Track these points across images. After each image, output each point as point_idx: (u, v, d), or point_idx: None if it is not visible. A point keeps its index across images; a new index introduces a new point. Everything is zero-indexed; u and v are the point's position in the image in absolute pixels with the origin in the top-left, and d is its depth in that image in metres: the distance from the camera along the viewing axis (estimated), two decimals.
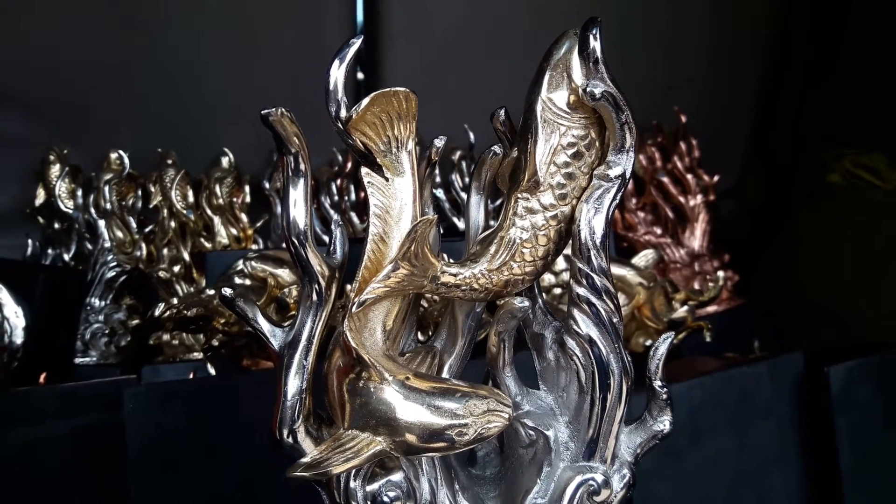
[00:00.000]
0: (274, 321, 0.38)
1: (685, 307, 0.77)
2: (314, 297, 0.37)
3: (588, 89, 0.36)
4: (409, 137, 0.37)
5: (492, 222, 0.40)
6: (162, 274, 1.15)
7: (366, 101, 0.35)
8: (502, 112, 0.40)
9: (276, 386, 0.38)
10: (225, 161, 1.22)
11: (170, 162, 1.20)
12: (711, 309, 1.12)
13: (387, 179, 0.37)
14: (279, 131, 0.35)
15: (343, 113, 0.35)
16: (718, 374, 0.70)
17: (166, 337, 1.05)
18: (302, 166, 0.35)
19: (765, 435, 0.71)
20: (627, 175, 0.38)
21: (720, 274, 0.86)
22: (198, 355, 1.00)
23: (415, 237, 0.34)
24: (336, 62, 0.35)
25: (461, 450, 0.35)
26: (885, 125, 1.21)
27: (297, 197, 0.35)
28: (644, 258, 0.83)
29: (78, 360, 1.04)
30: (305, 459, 0.35)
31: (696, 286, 1.10)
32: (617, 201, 0.38)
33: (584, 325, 0.38)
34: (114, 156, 1.19)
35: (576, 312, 0.39)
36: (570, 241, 0.39)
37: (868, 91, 1.24)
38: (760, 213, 1.34)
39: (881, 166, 1.17)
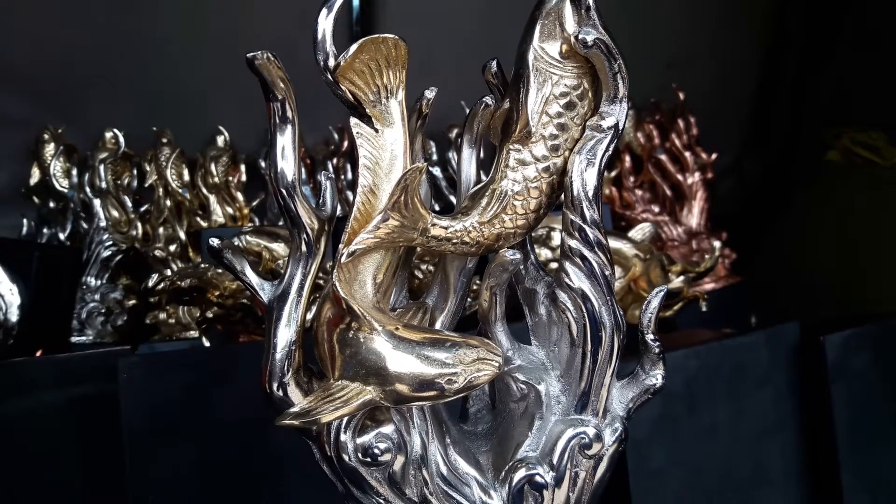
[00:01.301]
0: (263, 276, 0.38)
1: (681, 278, 0.77)
2: (303, 247, 0.37)
3: (580, 37, 0.36)
4: (398, 86, 0.36)
5: (484, 177, 0.40)
6: (158, 253, 1.14)
7: (354, 47, 0.34)
8: (494, 64, 0.40)
9: (266, 339, 0.37)
10: (220, 140, 1.22)
11: (165, 141, 1.19)
12: (709, 286, 1.12)
13: (376, 130, 0.37)
14: (265, 76, 0.34)
15: (332, 62, 0.35)
16: (714, 344, 0.70)
17: (163, 316, 1.05)
18: (289, 113, 0.35)
19: (761, 404, 0.71)
20: (621, 126, 0.38)
21: (716, 244, 0.86)
22: (194, 333, 1.00)
23: (405, 186, 0.34)
24: (324, 11, 0.35)
25: (451, 398, 0.35)
26: (884, 103, 1.21)
27: (285, 143, 0.35)
28: (640, 231, 0.83)
29: (74, 339, 1.04)
30: (294, 409, 0.35)
31: None
32: (610, 152, 0.38)
33: (576, 279, 0.38)
34: (109, 135, 1.19)
35: (568, 265, 0.38)
36: (563, 194, 0.38)
37: (867, 69, 1.24)
38: (759, 192, 1.34)
39: (880, 143, 1.17)
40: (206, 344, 0.80)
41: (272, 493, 0.67)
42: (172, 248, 1.15)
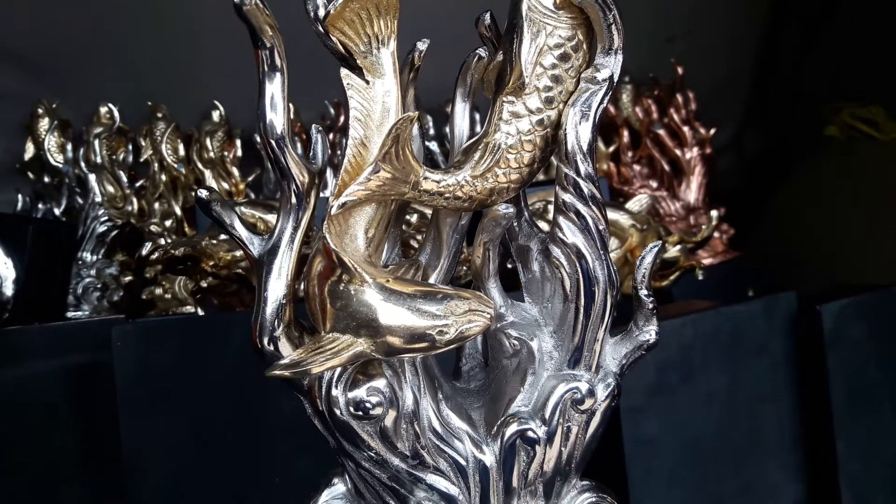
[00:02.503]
0: (253, 229, 0.38)
1: (678, 247, 0.77)
2: (293, 199, 0.36)
3: None
4: (389, 36, 0.36)
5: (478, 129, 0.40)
6: (153, 228, 1.14)
7: None
8: (487, 16, 0.39)
9: (256, 293, 0.37)
10: (216, 115, 1.21)
11: (160, 115, 1.19)
12: (707, 261, 1.12)
13: (367, 82, 0.36)
14: (253, 23, 0.34)
15: (321, 11, 0.34)
16: (711, 312, 0.70)
17: (158, 291, 1.04)
18: (278, 61, 0.35)
19: (757, 373, 0.71)
20: (615, 78, 0.37)
21: (713, 213, 0.86)
22: (190, 309, 0.99)
23: (395, 136, 0.33)
24: None
25: (442, 350, 0.35)
26: (883, 78, 1.20)
27: (274, 92, 0.34)
28: (637, 203, 0.83)
29: (70, 315, 1.04)
30: (284, 360, 0.35)
31: None
32: (604, 105, 0.37)
33: (570, 233, 0.38)
34: (104, 110, 1.18)
35: (561, 220, 0.38)
36: (557, 148, 0.38)
37: (866, 44, 1.23)
38: (757, 167, 1.33)
39: (879, 118, 1.16)
40: (200, 313, 0.80)
41: (266, 460, 0.67)
42: (168, 223, 1.15)
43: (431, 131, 1.16)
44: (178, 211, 1.15)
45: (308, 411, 0.39)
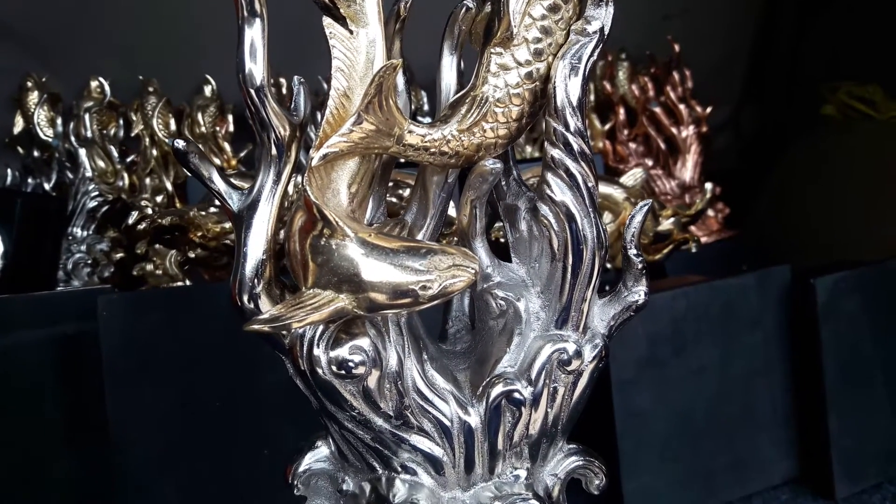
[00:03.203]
0: (232, 183, 0.37)
1: (671, 220, 0.76)
2: (273, 150, 0.35)
3: None
4: None
5: None
6: (144, 204, 1.12)
7: None
8: None
9: (236, 249, 0.36)
10: (208, 89, 1.19)
11: (151, 90, 1.17)
12: (703, 240, 1.11)
13: (351, 32, 0.35)
14: None
15: None
16: (703, 285, 0.69)
17: (149, 267, 1.03)
18: (257, 7, 0.33)
19: (749, 346, 0.70)
20: (606, 30, 0.36)
21: (708, 186, 0.85)
22: (181, 284, 0.99)
23: (379, 84, 0.32)
24: None
25: (426, 306, 0.34)
26: (880, 57, 1.19)
27: (254, 38, 0.33)
28: (632, 177, 0.82)
29: (60, 290, 1.03)
30: (264, 315, 0.34)
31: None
32: (594, 58, 0.36)
33: (558, 190, 0.37)
34: (94, 84, 1.16)
35: (549, 176, 0.37)
36: (545, 103, 0.37)
37: (863, 23, 1.22)
38: (754, 147, 1.32)
39: (877, 97, 1.15)
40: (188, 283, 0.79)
41: (254, 432, 0.66)
42: (159, 198, 1.13)
43: (426, 107, 1.14)
44: (168, 186, 1.14)
45: (290, 371, 0.38)
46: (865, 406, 0.72)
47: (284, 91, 1.14)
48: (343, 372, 0.36)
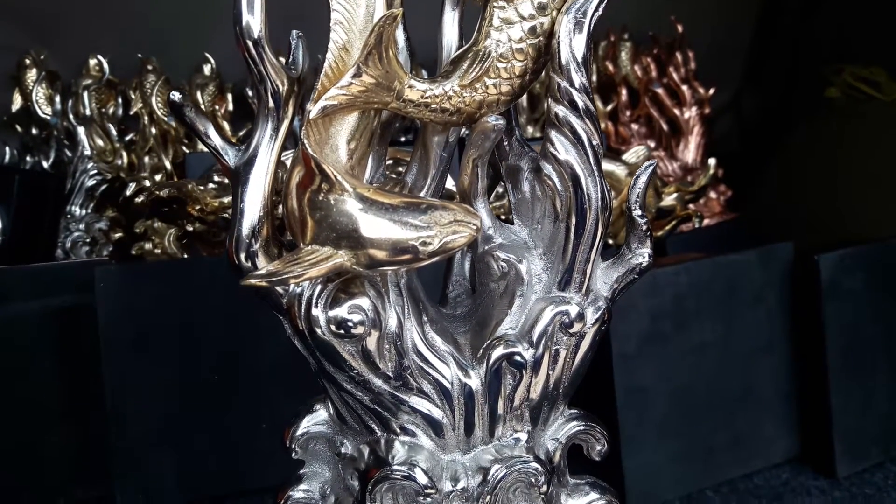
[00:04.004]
0: (228, 139, 0.36)
1: (674, 195, 0.75)
2: (271, 103, 0.35)
3: None
4: None
5: None
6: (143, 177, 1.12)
7: None
8: None
9: (233, 206, 0.35)
10: (207, 68, 1.18)
11: (150, 68, 1.16)
12: (704, 222, 1.10)
13: None
14: None
15: None
16: (706, 261, 0.69)
17: (148, 246, 1.03)
18: None
19: (752, 323, 0.70)
20: None
21: (711, 161, 0.84)
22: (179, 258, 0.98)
23: (379, 34, 0.32)
24: None
25: (426, 262, 0.33)
26: (885, 39, 1.18)
27: None
28: (634, 154, 0.81)
29: (58, 262, 1.02)
30: (260, 271, 0.34)
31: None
32: (600, 13, 0.35)
33: (562, 148, 0.36)
34: (93, 62, 1.15)
35: (553, 134, 0.36)
36: (549, 59, 0.36)
37: (868, 5, 1.20)
38: (757, 129, 1.31)
39: (881, 79, 1.14)
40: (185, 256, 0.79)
41: (250, 404, 0.66)
42: (158, 177, 1.13)
43: None
44: (168, 165, 1.13)
45: (288, 331, 0.37)
46: (868, 384, 0.71)
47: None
48: (342, 331, 0.35)
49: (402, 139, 1.08)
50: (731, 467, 0.71)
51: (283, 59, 0.37)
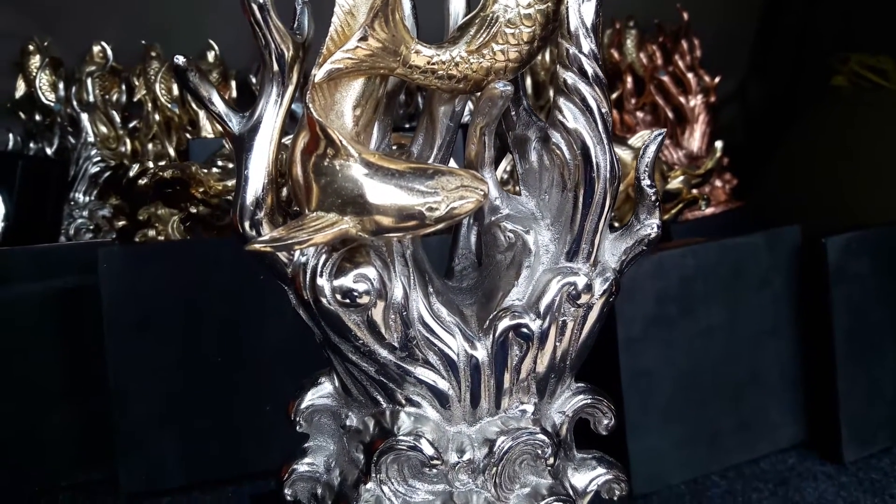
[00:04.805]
0: (232, 106, 0.36)
1: (680, 178, 0.75)
2: (275, 67, 0.34)
3: None
4: None
5: None
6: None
7: None
8: None
9: (237, 174, 0.35)
10: (210, 55, 1.18)
11: (154, 55, 1.16)
12: (709, 211, 1.10)
13: None
14: None
15: None
16: (712, 244, 0.68)
17: (152, 233, 1.03)
18: None
19: (758, 307, 0.69)
20: None
21: (718, 144, 0.84)
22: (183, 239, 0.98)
23: None
24: None
25: (432, 228, 0.33)
26: (892, 27, 1.17)
27: None
28: (641, 139, 0.80)
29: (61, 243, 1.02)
30: (264, 237, 0.33)
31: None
32: None
33: (571, 116, 0.36)
34: (96, 48, 1.15)
35: (562, 101, 0.36)
36: (558, 26, 0.36)
37: None
38: (762, 119, 1.31)
39: (888, 67, 1.13)
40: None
41: (254, 386, 0.65)
42: (162, 164, 1.12)
43: None
44: (171, 152, 1.12)
45: (292, 302, 0.37)
46: (875, 369, 0.71)
47: None
48: (347, 301, 0.35)
49: (406, 126, 1.08)
50: (736, 452, 0.70)
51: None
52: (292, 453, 0.41)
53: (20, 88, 1.15)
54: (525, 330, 0.37)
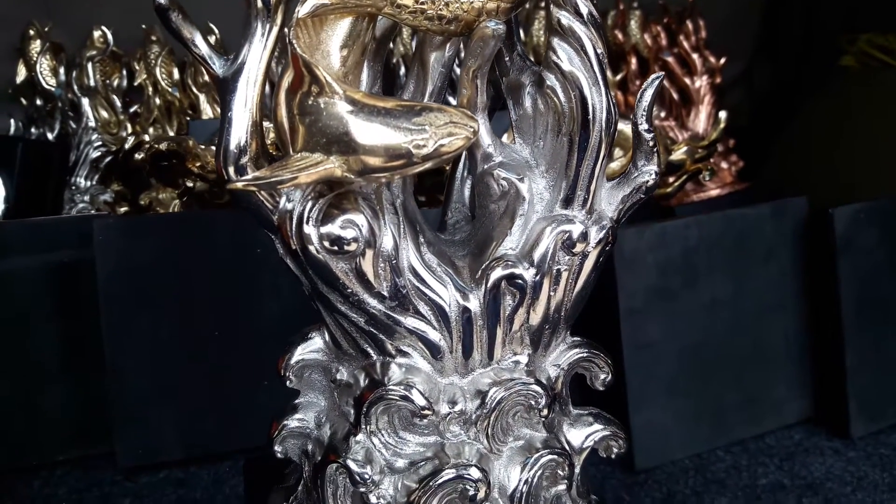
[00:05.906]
0: (215, 48, 0.35)
1: (684, 149, 0.73)
2: (259, 3, 0.33)
3: None
4: None
5: None
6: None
7: None
8: None
9: (221, 117, 0.34)
10: (212, 39, 1.17)
11: (154, 39, 1.15)
12: (715, 192, 1.09)
13: None
14: None
15: None
16: (717, 215, 0.67)
17: None
18: None
19: (764, 279, 0.68)
20: None
21: (722, 114, 0.82)
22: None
23: None
24: None
25: (420, 167, 0.32)
26: None
27: None
28: None
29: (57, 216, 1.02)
30: (248, 176, 0.32)
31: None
32: None
33: (566, 57, 0.35)
34: (97, 33, 1.15)
35: (556, 42, 0.35)
36: None
37: None
38: (769, 101, 1.29)
39: None
40: None
41: (251, 360, 0.64)
42: (157, 136, 1.12)
43: None
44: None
45: (280, 251, 0.36)
46: (883, 342, 0.69)
47: None
48: (335, 248, 0.34)
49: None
50: (742, 427, 0.69)
51: None
52: (283, 409, 0.40)
53: (21, 73, 1.15)
54: (518, 280, 0.36)
